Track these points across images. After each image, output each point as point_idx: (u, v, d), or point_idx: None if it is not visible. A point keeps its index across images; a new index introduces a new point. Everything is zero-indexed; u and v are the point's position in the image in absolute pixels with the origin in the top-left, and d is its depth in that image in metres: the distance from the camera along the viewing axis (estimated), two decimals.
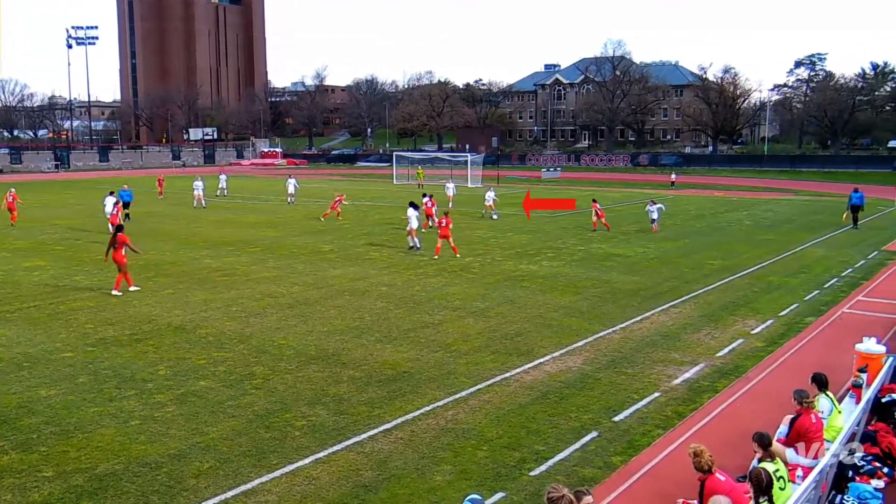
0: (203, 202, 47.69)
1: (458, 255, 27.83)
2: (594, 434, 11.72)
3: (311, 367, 15.00)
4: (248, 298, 21.07)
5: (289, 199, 51.16)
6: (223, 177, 59.32)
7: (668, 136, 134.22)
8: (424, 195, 37.98)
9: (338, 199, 41.52)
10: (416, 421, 12.24)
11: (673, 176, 69.28)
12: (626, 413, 12.58)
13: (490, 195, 42.27)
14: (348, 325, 18.24)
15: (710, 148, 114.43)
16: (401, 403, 12.99)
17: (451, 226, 28.10)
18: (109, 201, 35.97)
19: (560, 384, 14.02)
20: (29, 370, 14.73)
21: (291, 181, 52.10)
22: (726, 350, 16.23)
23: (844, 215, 38.13)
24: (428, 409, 12.75)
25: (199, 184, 48.30)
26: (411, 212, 29.61)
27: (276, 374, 14.52)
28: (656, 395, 13.46)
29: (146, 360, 15.39)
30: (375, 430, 11.84)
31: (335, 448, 11.21)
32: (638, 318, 18.91)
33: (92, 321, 18.52)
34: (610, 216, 41.98)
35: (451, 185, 48.26)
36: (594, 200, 37.13)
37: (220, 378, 14.30)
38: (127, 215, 38.03)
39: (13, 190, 39.73)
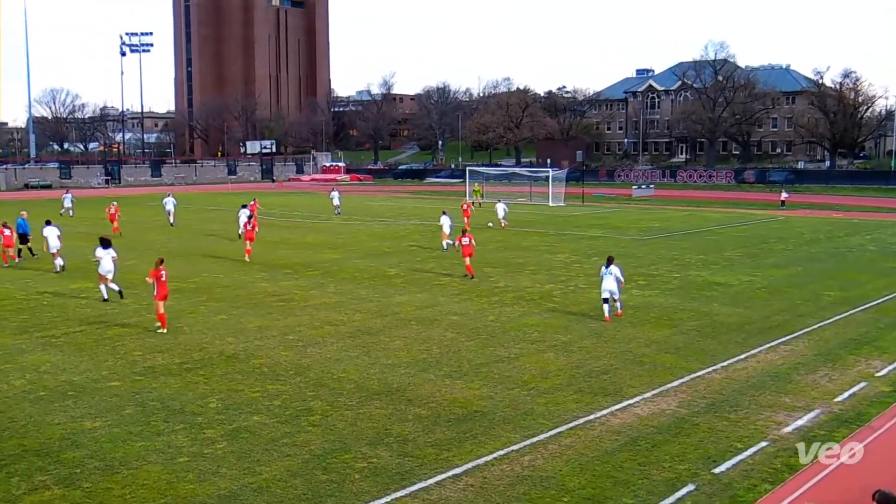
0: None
1: (473, 278, 28.49)
2: (691, 487, 11.48)
3: (373, 403, 15.11)
4: (306, 326, 21.40)
5: (336, 211, 56.94)
6: (68, 196, 57.91)
7: (778, 150, 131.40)
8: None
9: (466, 206, 46.27)
10: (489, 466, 12.18)
11: (783, 194, 67.59)
12: (729, 464, 12.28)
13: (501, 207, 47.88)
14: (415, 357, 18.33)
15: (828, 163, 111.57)
16: (472, 446, 12.95)
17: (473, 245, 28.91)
18: (243, 213, 39.58)
19: (652, 429, 13.78)
20: (74, 400, 15.27)
21: (335, 193, 58.74)
22: (846, 395, 15.71)
23: None
24: (502, 453, 12.69)
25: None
26: (444, 219, 36.54)
27: (335, 410, 14.67)
28: (763, 444, 13.10)
29: (196, 392, 15.77)
30: (443, 476, 11.82)
31: (398, 494, 11.25)
32: (742, 356, 18.48)
33: (140, 348, 19.09)
34: (711, 239, 41.31)
35: (501, 205, 48.73)
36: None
37: (275, 413, 14.53)
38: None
39: (115, 203, 46.73)
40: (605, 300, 22.17)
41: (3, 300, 25.09)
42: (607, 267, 22.09)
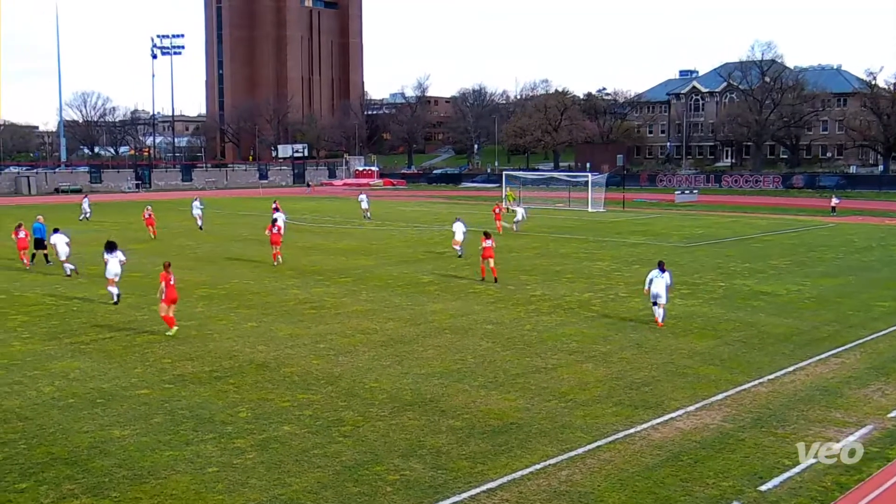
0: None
1: (496, 281, 29.36)
2: None
3: (405, 413, 15.13)
4: (337, 334, 21.50)
5: (365, 215, 58.21)
6: (86, 200, 59.68)
7: (829, 154, 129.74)
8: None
9: (501, 210, 49.66)
10: (525, 481, 12.14)
11: (834, 200, 66.77)
12: (776, 482, 12.11)
13: (520, 211, 50.95)
14: (449, 367, 18.33)
15: (881, 167, 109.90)
16: (507, 460, 12.91)
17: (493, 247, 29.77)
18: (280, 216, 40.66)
19: (695, 444, 13.65)
20: (102, 407, 15.47)
21: (363, 196, 60.99)
22: None
23: None
24: (538, 467, 12.63)
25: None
26: (457, 225, 36.50)
27: (366, 421, 14.71)
28: (813, 461, 12.90)
29: (226, 401, 15.90)
30: (477, 490, 11.80)
31: None
32: (790, 369, 18.25)
33: (169, 356, 19.30)
34: (758, 246, 40.88)
35: (520, 209, 52.07)
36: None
37: (306, 423, 14.61)
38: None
39: (150, 207, 48.38)
40: (655, 303, 22.47)
41: (33, 306, 25.53)
42: (662, 272, 22.37)
